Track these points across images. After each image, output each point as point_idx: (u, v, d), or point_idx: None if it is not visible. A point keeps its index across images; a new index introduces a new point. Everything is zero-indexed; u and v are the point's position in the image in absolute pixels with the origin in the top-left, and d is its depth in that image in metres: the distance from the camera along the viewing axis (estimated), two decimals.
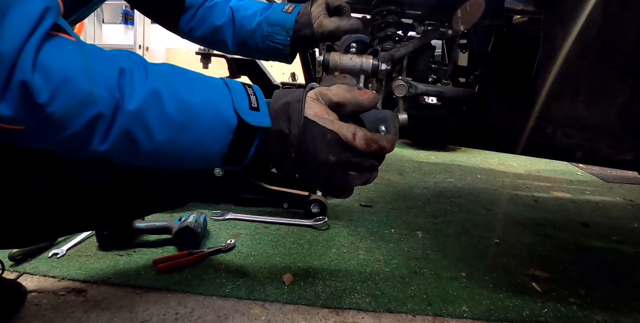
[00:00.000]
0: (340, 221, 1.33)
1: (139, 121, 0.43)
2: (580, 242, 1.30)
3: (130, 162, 0.48)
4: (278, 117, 0.50)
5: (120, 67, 0.43)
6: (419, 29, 0.97)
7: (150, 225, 1.09)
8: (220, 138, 0.48)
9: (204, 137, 0.48)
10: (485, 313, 0.89)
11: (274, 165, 0.54)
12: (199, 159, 0.50)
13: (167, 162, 0.49)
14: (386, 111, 0.68)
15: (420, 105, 1.11)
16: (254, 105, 0.50)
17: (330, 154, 0.50)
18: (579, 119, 0.71)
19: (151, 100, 0.44)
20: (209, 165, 0.52)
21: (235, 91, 0.50)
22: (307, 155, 0.50)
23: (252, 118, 0.49)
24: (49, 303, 0.83)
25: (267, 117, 0.50)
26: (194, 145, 0.48)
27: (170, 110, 0.45)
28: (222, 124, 0.48)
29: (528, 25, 0.87)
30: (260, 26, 0.83)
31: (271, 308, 0.86)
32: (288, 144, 0.50)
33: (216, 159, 0.50)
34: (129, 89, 0.43)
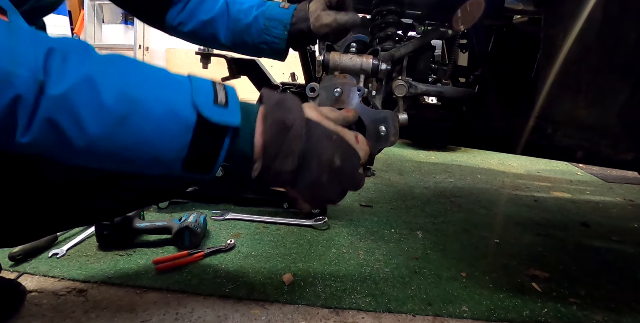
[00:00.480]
0: (340, 221, 1.33)
1: (65, 109, 0.38)
2: (580, 242, 1.30)
3: (67, 159, 0.42)
4: (277, 109, 0.46)
5: (49, 47, 0.38)
6: (419, 29, 0.97)
7: (150, 225, 1.09)
8: (176, 136, 0.42)
9: (152, 134, 0.41)
10: (485, 313, 0.89)
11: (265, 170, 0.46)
12: (153, 161, 0.43)
13: (113, 162, 0.43)
14: (386, 111, 0.68)
15: (420, 105, 1.11)
16: (221, 102, 0.44)
17: (336, 155, 0.47)
18: (579, 119, 0.72)
19: (83, 86, 0.38)
20: (168, 171, 0.45)
21: (198, 85, 0.44)
22: (312, 155, 0.46)
23: (215, 115, 0.42)
24: (49, 303, 0.83)
25: (237, 115, 0.44)
26: (140, 143, 0.41)
27: (106, 99, 0.39)
28: (175, 120, 0.42)
29: (528, 25, 0.87)
30: (257, 20, 0.82)
31: (271, 308, 0.86)
32: (293, 136, 0.45)
33: (174, 162, 0.44)
34: (58, 72, 0.37)
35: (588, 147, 0.91)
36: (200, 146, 0.43)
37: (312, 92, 0.69)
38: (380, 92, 0.89)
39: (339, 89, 0.68)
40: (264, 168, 0.46)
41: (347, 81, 0.73)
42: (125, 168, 0.45)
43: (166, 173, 0.45)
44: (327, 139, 0.47)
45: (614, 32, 0.63)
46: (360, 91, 0.69)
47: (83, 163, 0.43)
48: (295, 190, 0.50)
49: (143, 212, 1.15)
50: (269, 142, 0.45)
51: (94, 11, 3.99)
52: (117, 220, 1.04)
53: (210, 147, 0.43)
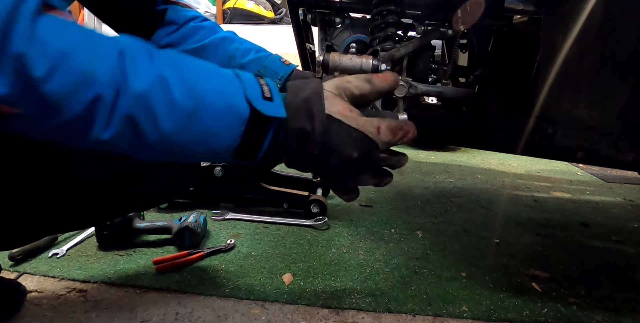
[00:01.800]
0: (340, 221, 1.33)
1: (144, 106, 0.40)
2: (580, 242, 1.30)
3: (136, 153, 0.45)
4: (298, 114, 0.48)
5: (119, 48, 0.40)
6: (419, 29, 0.97)
7: (150, 225, 1.09)
8: (232, 129, 0.45)
9: (214, 127, 0.44)
10: (485, 313, 0.89)
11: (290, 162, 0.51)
12: (209, 152, 0.47)
13: (175, 155, 0.47)
14: (386, 112, 0.68)
15: (420, 105, 1.11)
16: (267, 96, 0.47)
17: (355, 150, 0.49)
18: (579, 119, 0.72)
19: (157, 84, 0.41)
20: (219, 159, 0.51)
21: (246, 81, 0.48)
22: (331, 153, 0.49)
23: (266, 108, 0.46)
24: (49, 303, 0.83)
25: (282, 107, 0.47)
26: (203, 136, 0.45)
27: (178, 96, 0.42)
28: (233, 114, 0.45)
29: (528, 25, 0.87)
30: (252, 63, 0.81)
31: (271, 308, 0.86)
32: (311, 142, 0.48)
33: (227, 152, 0.47)
34: (132, 72, 0.40)
35: (588, 147, 0.91)
36: (250, 136, 0.46)
37: None
38: None
39: None
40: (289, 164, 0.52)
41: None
42: (182, 158, 0.49)
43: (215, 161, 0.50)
44: (347, 137, 0.49)
45: (614, 32, 0.63)
46: None
47: (148, 157, 0.47)
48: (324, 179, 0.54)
49: (143, 212, 1.15)
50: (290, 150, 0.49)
51: None
52: (117, 220, 1.04)
53: (258, 137, 0.47)
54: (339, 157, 0.49)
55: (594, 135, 0.87)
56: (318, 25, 1.06)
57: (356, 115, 0.50)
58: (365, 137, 0.49)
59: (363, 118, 0.50)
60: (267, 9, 3.40)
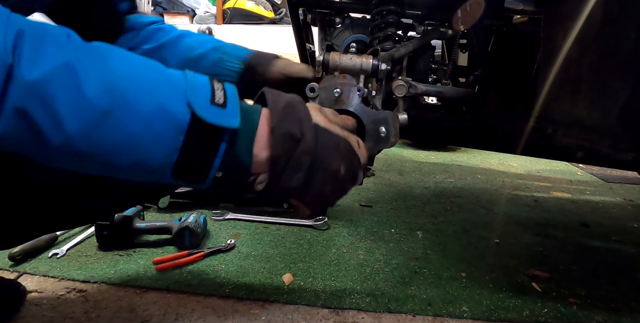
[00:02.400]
0: (340, 221, 1.33)
1: (39, 98, 0.33)
2: (580, 242, 1.30)
3: (44, 159, 0.38)
4: (284, 118, 0.43)
5: (19, 28, 0.34)
6: (419, 29, 0.97)
7: (150, 225, 1.09)
8: (165, 139, 0.38)
9: (139, 134, 0.37)
10: (485, 313, 0.89)
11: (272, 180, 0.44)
12: (139, 166, 0.39)
13: (94, 165, 0.39)
14: (386, 112, 0.68)
15: (420, 105, 1.11)
16: (219, 101, 0.40)
17: (342, 164, 0.46)
18: (579, 119, 0.71)
19: (60, 73, 0.34)
20: (156, 178, 0.41)
21: (193, 82, 0.41)
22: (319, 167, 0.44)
23: (212, 115, 0.39)
24: (49, 303, 0.83)
25: (236, 116, 0.40)
26: (125, 144, 0.37)
27: (88, 91, 0.35)
28: (166, 119, 0.37)
29: (528, 25, 0.87)
30: (213, 51, 0.77)
31: (271, 308, 0.86)
32: (302, 151, 0.42)
33: (162, 169, 0.39)
34: (31, 57, 0.33)
35: (588, 147, 0.91)
36: (192, 150, 0.39)
37: (311, 92, 0.69)
38: (380, 92, 0.89)
39: (338, 89, 0.68)
40: (271, 183, 0.44)
41: (346, 81, 0.73)
42: (109, 173, 0.41)
43: (154, 180, 0.42)
44: (335, 147, 0.45)
45: (614, 32, 0.63)
46: (360, 91, 0.69)
47: (62, 164, 0.39)
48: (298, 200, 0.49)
49: (143, 212, 1.15)
50: (277, 157, 0.42)
51: None
52: (117, 220, 1.04)
53: (204, 152, 0.40)
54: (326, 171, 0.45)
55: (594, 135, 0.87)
56: (318, 25, 1.06)
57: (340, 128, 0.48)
58: (351, 150, 0.47)
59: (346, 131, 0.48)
60: (267, 9, 3.40)
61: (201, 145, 0.39)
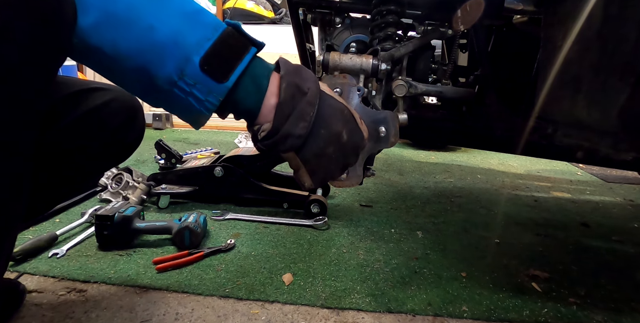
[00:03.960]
0: (340, 221, 1.33)
1: None
2: (580, 242, 1.30)
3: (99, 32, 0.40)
4: (294, 74, 0.46)
5: None
6: (419, 29, 0.97)
7: (150, 225, 1.09)
8: (203, 27, 0.42)
9: (180, 15, 0.41)
10: (485, 313, 0.89)
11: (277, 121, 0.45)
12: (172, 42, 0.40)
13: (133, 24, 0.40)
14: (386, 112, 0.68)
15: (420, 105, 1.11)
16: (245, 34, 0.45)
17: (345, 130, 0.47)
18: (579, 119, 0.72)
19: None
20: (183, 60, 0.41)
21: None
22: (323, 124, 0.46)
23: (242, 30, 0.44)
24: (49, 303, 0.83)
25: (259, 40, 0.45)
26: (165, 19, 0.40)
27: None
28: (206, 17, 0.42)
29: (528, 25, 0.87)
30: None
31: (271, 308, 0.86)
32: (308, 101, 0.45)
33: (194, 50, 0.41)
34: None
35: (588, 147, 0.91)
36: (223, 46, 0.42)
37: None
38: (380, 92, 0.89)
39: (338, 89, 0.68)
40: (274, 129, 0.45)
41: (347, 81, 0.73)
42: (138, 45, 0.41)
43: (178, 61, 0.41)
44: (339, 112, 0.47)
45: (614, 32, 0.63)
46: (360, 91, 0.69)
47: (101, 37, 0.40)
48: (299, 159, 0.48)
49: (143, 212, 1.15)
50: (283, 102, 0.44)
51: None
52: (117, 220, 1.04)
53: (231, 53, 0.43)
54: (329, 131, 0.46)
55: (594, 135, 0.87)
56: (318, 25, 1.06)
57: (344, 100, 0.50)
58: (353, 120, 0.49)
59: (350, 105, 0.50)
60: (267, 9, 3.40)
61: (232, 46, 0.42)
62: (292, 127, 0.45)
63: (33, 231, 1.05)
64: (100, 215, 1.04)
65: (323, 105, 0.46)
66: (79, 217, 1.18)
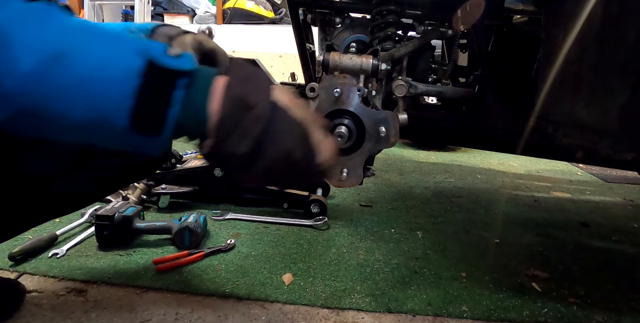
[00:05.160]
0: (340, 221, 1.33)
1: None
2: (580, 242, 1.30)
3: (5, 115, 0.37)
4: (241, 83, 0.41)
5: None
6: (419, 29, 0.97)
7: (150, 225, 1.09)
8: (120, 80, 0.37)
9: (94, 74, 0.37)
10: (485, 313, 0.89)
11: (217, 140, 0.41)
12: (95, 112, 0.38)
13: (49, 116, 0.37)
14: (386, 112, 0.68)
15: (420, 105, 1.12)
16: (174, 53, 0.40)
17: (297, 149, 0.43)
18: (579, 119, 0.72)
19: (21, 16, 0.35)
20: (114, 129, 0.39)
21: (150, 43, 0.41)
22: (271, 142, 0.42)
23: (166, 60, 0.39)
24: (49, 303, 0.83)
25: (190, 63, 0.40)
26: (80, 84, 0.36)
27: (46, 32, 0.35)
28: (122, 62, 0.38)
29: (528, 25, 0.87)
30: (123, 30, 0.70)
31: (271, 308, 0.86)
32: (253, 118, 0.40)
33: (120, 115, 0.38)
34: None
35: (588, 147, 0.91)
36: (148, 94, 0.38)
37: (312, 92, 0.69)
38: (380, 92, 0.89)
39: (338, 89, 0.68)
40: (215, 146, 0.42)
41: (347, 81, 0.73)
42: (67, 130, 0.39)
43: (118, 141, 0.40)
44: (292, 128, 0.43)
45: (614, 32, 0.63)
46: (360, 91, 0.69)
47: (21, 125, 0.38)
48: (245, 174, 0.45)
49: (143, 212, 1.15)
50: (224, 119, 0.40)
51: (94, 11, 3.98)
52: (117, 220, 1.04)
53: (159, 98, 0.38)
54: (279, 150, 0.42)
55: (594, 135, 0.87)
56: (318, 25, 1.06)
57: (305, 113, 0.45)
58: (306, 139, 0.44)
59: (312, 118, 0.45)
60: (267, 9, 3.40)
61: (156, 90, 0.38)
62: (234, 146, 0.41)
63: (33, 231, 1.05)
64: (100, 215, 1.04)
65: (275, 119, 0.41)
66: (79, 217, 1.18)
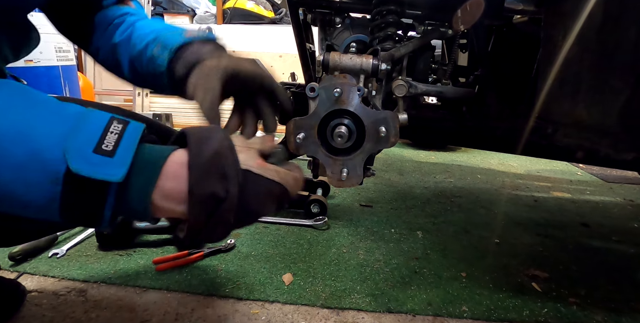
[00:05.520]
0: (340, 221, 1.33)
1: None
2: (580, 242, 1.30)
3: None
4: (207, 175, 0.38)
5: None
6: (419, 29, 0.97)
7: (150, 225, 1.09)
8: (41, 187, 0.35)
9: (12, 183, 0.35)
10: (485, 313, 0.89)
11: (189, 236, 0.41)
12: (23, 208, 0.37)
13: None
14: (386, 112, 0.68)
15: (420, 105, 1.11)
16: (106, 148, 0.36)
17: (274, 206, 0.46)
18: (579, 118, 0.71)
19: None
20: (48, 218, 0.38)
21: (84, 123, 0.37)
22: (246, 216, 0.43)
23: (88, 165, 0.35)
24: (49, 303, 0.83)
25: (123, 168, 0.36)
26: (3, 189, 0.35)
27: None
28: (39, 168, 0.35)
29: (528, 25, 0.86)
30: (149, 46, 0.63)
31: (271, 308, 0.86)
32: (225, 210, 0.40)
33: (49, 213, 0.37)
34: None
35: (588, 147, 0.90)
36: (74, 201, 0.36)
37: (312, 92, 0.69)
38: (380, 92, 0.89)
39: (338, 89, 0.68)
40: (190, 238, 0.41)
41: (347, 81, 0.73)
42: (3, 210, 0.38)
43: (49, 219, 0.38)
44: (268, 194, 0.44)
45: (614, 32, 0.63)
46: (360, 91, 0.69)
47: None
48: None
49: None
50: (195, 221, 0.39)
51: None
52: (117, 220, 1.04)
53: (88, 204, 0.36)
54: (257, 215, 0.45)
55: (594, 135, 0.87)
56: (318, 25, 1.06)
57: (273, 168, 0.46)
58: (285, 191, 0.46)
59: (282, 170, 0.46)
60: (267, 9, 3.40)
61: (83, 197, 0.36)
62: (211, 235, 0.42)
63: None
64: None
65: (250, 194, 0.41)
66: None
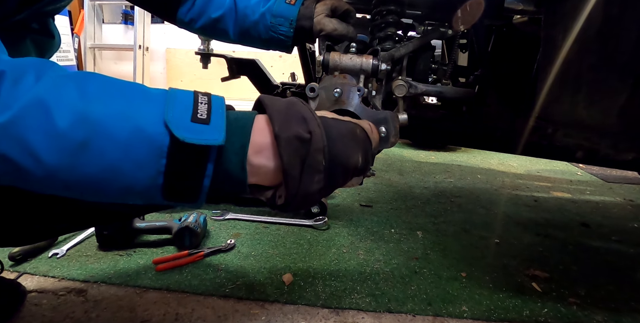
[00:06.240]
0: (340, 221, 1.33)
1: (13, 138, 0.33)
2: (580, 242, 1.30)
3: (34, 189, 0.37)
4: (287, 121, 0.39)
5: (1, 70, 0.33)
6: (419, 29, 0.97)
7: (150, 225, 1.09)
8: (147, 163, 0.36)
9: (120, 160, 0.36)
10: (485, 313, 0.89)
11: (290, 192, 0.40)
12: (127, 191, 0.38)
13: (82, 192, 0.38)
14: (386, 112, 0.68)
15: (420, 105, 1.12)
16: (202, 117, 0.37)
17: (360, 154, 0.43)
18: (579, 119, 0.71)
19: (32, 110, 0.33)
20: (148, 200, 0.39)
21: (174, 99, 0.38)
22: (338, 161, 0.41)
23: (190, 133, 0.36)
24: (49, 303, 0.83)
25: (221, 132, 0.37)
26: (108, 172, 0.36)
27: (61, 123, 0.34)
28: (144, 143, 0.36)
29: (528, 25, 0.87)
30: (264, 17, 0.81)
31: (271, 308, 0.86)
32: (315, 150, 0.39)
33: (152, 192, 0.38)
34: (7, 98, 0.33)
35: (588, 147, 0.91)
36: (177, 173, 0.37)
37: (312, 92, 0.69)
38: (380, 92, 0.89)
39: (338, 89, 0.68)
40: (290, 195, 0.40)
41: (347, 81, 0.73)
42: (99, 198, 0.39)
43: (148, 202, 0.40)
44: (353, 136, 0.43)
45: (614, 32, 0.63)
46: (360, 91, 0.69)
47: (51, 192, 0.38)
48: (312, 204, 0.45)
49: None
50: (289, 165, 0.39)
51: (94, 11, 3.98)
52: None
53: (190, 174, 0.37)
54: (346, 165, 0.42)
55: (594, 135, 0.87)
56: None
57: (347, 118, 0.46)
58: (366, 138, 0.45)
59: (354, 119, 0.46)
60: None
61: (186, 167, 0.37)
62: (309, 185, 0.40)
63: None
64: None
65: (332, 137, 0.40)
66: None
